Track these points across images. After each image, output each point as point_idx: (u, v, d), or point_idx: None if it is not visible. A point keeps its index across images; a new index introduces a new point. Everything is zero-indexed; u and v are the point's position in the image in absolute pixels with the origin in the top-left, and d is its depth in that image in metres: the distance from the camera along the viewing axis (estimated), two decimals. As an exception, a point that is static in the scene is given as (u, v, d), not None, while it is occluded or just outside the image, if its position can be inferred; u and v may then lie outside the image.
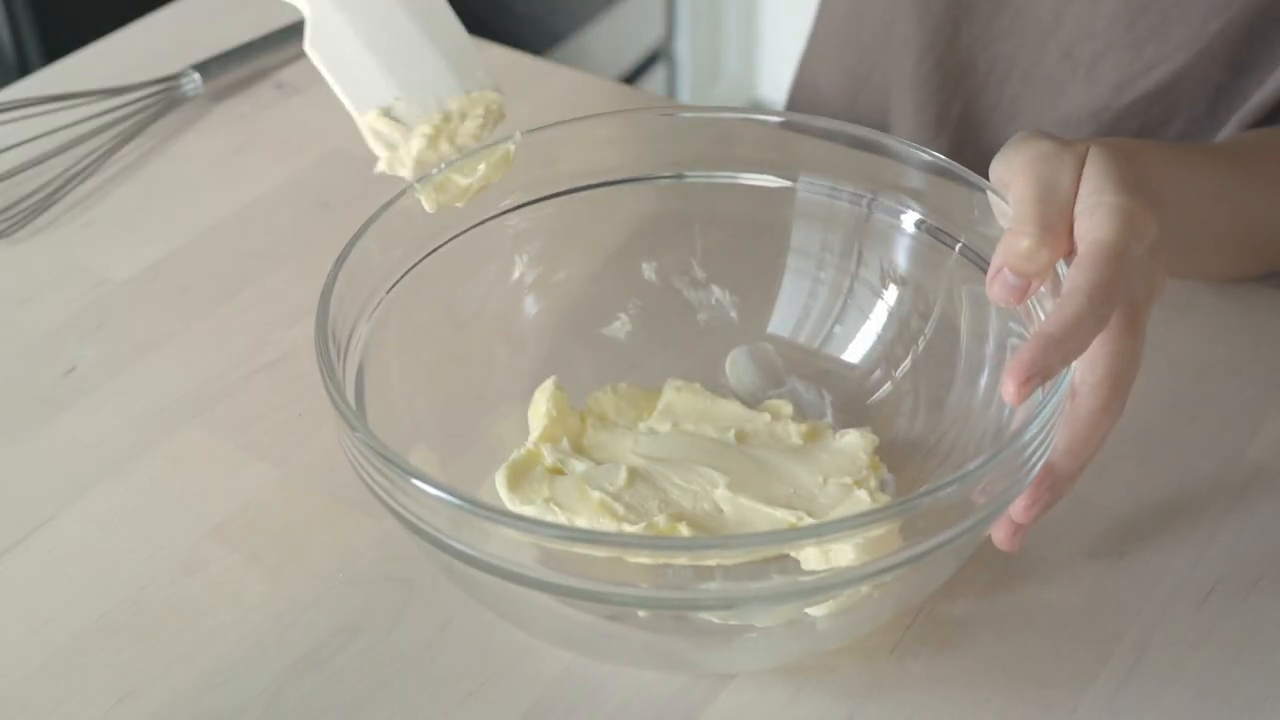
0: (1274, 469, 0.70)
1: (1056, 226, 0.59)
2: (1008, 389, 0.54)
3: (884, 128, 0.96)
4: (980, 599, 0.64)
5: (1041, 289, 0.61)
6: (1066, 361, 0.55)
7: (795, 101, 1.05)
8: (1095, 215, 0.58)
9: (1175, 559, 0.66)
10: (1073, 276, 0.57)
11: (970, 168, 0.67)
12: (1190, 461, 0.71)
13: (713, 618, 0.58)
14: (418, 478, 0.55)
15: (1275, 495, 0.69)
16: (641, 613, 0.58)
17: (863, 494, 0.65)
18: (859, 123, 0.97)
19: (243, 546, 0.69)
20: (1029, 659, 0.63)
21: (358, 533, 0.69)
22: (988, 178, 0.65)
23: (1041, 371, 0.54)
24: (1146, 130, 0.87)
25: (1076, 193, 0.60)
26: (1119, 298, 0.57)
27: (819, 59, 1.02)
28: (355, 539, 0.68)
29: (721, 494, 0.65)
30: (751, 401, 0.72)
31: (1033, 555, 0.65)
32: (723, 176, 0.73)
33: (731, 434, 0.69)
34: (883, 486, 0.67)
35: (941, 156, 0.68)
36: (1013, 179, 0.61)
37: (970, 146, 0.93)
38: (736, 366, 0.74)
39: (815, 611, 0.58)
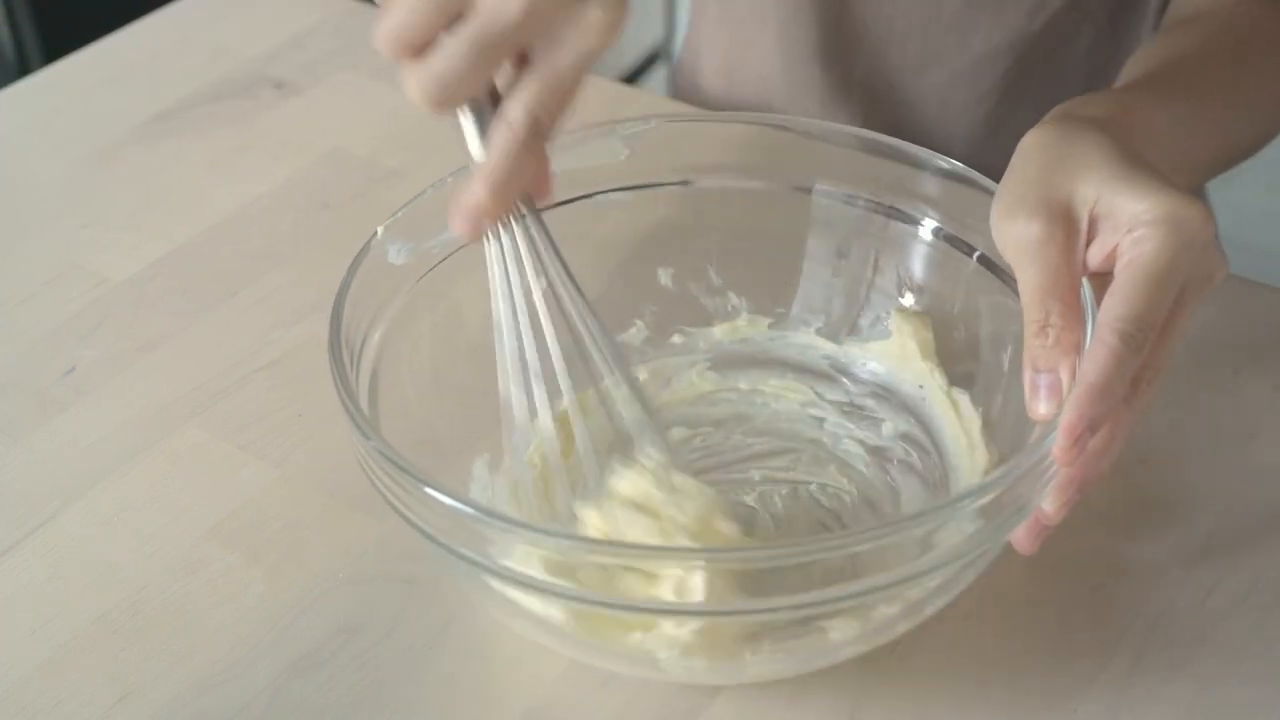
0: (1274, 469, 0.70)
1: (1068, 299, 0.57)
2: (1062, 447, 0.53)
3: (767, 104, 0.97)
4: (981, 599, 0.64)
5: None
6: (1114, 405, 0.54)
7: (676, 89, 1.07)
8: (1136, 232, 0.56)
9: (1175, 559, 0.66)
10: (1106, 305, 0.55)
11: (887, 129, 0.69)
12: (1190, 461, 0.71)
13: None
14: (444, 493, 0.53)
15: (1275, 495, 0.69)
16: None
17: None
18: (738, 101, 0.97)
19: (242, 546, 0.68)
20: (1029, 658, 0.63)
21: (358, 533, 0.69)
22: (898, 136, 0.68)
23: (1091, 424, 0.53)
24: (1059, 49, 0.89)
25: (1083, 258, 0.58)
26: (1155, 324, 0.55)
27: (696, 43, 1.03)
28: (355, 539, 0.68)
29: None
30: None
31: (1032, 555, 0.65)
32: (735, 182, 0.72)
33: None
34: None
35: (959, 164, 0.67)
36: (1017, 272, 0.59)
37: (883, 104, 0.94)
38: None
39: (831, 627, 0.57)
